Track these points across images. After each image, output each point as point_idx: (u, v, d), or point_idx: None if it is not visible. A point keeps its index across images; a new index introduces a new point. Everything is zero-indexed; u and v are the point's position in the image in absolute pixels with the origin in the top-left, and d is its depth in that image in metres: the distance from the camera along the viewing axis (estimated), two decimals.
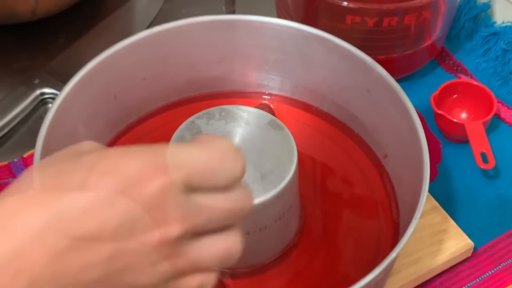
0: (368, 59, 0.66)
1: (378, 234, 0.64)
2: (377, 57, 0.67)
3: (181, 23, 0.68)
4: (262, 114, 0.61)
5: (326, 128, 0.72)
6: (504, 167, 0.77)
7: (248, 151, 0.58)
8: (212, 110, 0.61)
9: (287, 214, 0.60)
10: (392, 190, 0.67)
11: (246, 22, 0.69)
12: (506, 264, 0.69)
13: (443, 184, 0.75)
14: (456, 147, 0.79)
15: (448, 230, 0.68)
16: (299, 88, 0.73)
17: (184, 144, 0.38)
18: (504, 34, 0.87)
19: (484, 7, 0.90)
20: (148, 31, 0.67)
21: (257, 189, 0.56)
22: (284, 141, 0.59)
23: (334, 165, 0.70)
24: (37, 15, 0.85)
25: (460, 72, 0.87)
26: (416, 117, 0.61)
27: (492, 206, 0.74)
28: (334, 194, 0.68)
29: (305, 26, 0.68)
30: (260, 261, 0.61)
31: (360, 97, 0.68)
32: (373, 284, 0.53)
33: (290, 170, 0.57)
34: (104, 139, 0.69)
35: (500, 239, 0.71)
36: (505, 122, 0.81)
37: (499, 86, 0.85)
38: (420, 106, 0.80)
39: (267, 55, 0.71)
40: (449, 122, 0.77)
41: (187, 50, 0.70)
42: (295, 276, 0.62)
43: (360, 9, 0.75)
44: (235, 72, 0.73)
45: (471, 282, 0.68)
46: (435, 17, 0.79)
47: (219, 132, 0.59)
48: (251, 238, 0.58)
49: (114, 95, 0.68)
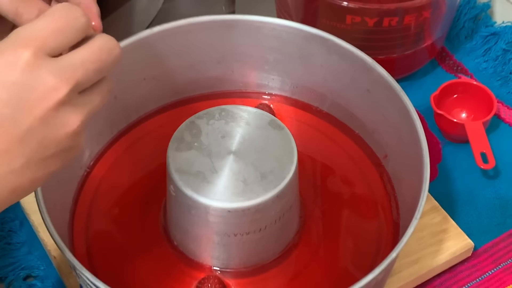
0: (368, 59, 0.66)
1: (378, 234, 0.64)
2: (377, 57, 0.67)
3: (181, 23, 0.68)
4: (262, 114, 0.61)
5: (326, 128, 0.72)
6: (504, 167, 0.77)
7: (248, 151, 0.58)
8: (212, 110, 0.61)
9: (287, 214, 0.60)
10: (392, 190, 0.67)
11: (246, 22, 0.69)
12: (506, 264, 0.69)
13: (443, 184, 0.75)
14: (456, 147, 0.79)
15: (448, 230, 0.68)
16: (299, 88, 0.73)
17: (29, 22, 0.42)
18: (504, 34, 0.87)
19: (484, 7, 0.90)
20: (148, 31, 0.67)
21: (257, 189, 0.56)
22: (284, 141, 0.59)
23: (334, 165, 0.70)
24: None
25: (460, 72, 0.87)
26: (416, 117, 0.61)
27: (492, 206, 0.74)
28: (334, 194, 0.68)
29: (305, 26, 0.68)
30: (260, 261, 0.61)
31: (360, 97, 0.68)
32: (373, 284, 0.53)
33: (290, 170, 0.57)
34: (104, 139, 0.69)
35: (500, 239, 0.71)
36: (505, 122, 0.81)
37: (499, 86, 0.85)
38: (420, 106, 0.80)
39: (267, 55, 0.71)
40: (449, 122, 0.77)
41: (187, 50, 0.70)
42: (295, 276, 0.62)
43: (360, 9, 0.75)
44: (235, 72, 0.73)
45: (471, 282, 0.68)
46: (435, 17, 0.79)
47: (219, 132, 0.59)
48: (251, 238, 0.58)
49: (114, 95, 0.68)
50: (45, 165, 0.42)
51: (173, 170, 0.57)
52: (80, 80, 0.41)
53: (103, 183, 0.66)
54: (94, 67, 0.42)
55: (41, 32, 0.41)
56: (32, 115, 0.40)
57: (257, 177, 0.57)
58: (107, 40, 0.43)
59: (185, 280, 0.61)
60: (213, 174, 0.57)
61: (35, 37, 0.40)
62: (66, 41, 0.42)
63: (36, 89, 0.40)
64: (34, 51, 0.40)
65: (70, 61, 0.41)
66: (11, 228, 0.70)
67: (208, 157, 0.58)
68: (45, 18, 0.41)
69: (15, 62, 0.40)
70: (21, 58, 0.40)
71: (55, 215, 0.56)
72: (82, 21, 0.42)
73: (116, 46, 0.44)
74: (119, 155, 0.69)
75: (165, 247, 0.63)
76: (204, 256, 0.61)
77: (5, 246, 0.69)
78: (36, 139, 0.41)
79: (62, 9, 0.42)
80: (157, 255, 0.62)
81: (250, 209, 0.56)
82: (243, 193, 0.56)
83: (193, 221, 0.58)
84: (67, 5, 0.42)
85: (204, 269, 0.61)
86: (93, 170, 0.67)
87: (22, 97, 0.40)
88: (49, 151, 0.41)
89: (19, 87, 0.40)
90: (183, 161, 0.57)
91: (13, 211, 0.71)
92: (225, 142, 0.59)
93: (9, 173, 0.40)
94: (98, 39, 0.43)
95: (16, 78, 0.40)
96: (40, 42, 0.40)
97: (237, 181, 0.56)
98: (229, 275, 0.61)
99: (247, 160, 0.58)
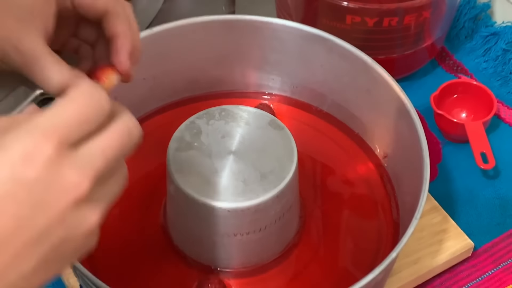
0: (368, 59, 0.66)
1: (378, 234, 0.64)
2: (377, 57, 0.67)
3: (181, 23, 0.68)
4: (262, 114, 0.61)
5: (326, 128, 0.72)
6: (504, 167, 0.77)
7: (248, 151, 0.58)
8: (212, 110, 0.61)
9: (287, 214, 0.60)
10: (392, 190, 0.67)
11: (246, 22, 0.69)
12: (506, 264, 0.69)
13: (443, 184, 0.75)
14: (456, 147, 0.79)
15: (448, 230, 0.68)
16: (299, 88, 0.73)
17: (51, 107, 0.38)
18: (504, 34, 0.87)
19: (484, 7, 0.90)
20: (148, 31, 0.67)
21: (257, 189, 0.56)
22: (284, 141, 0.59)
23: (334, 165, 0.70)
24: None
25: (460, 72, 0.87)
26: (416, 117, 0.61)
27: (492, 206, 0.74)
28: (334, 194, 0.68)
29: (305, 26, 0.68)
30: (260, 261, 0.61)
31: (360, 97, 0.68)
32: (373, 284, 0.53)
33: (290, 170, 0.57)
34: None
35: (500, 239, 0.71)
36: (505, 122, 0.81)
37: (499, 86, 0.85)
38: (420, 106, 0.80)
39: (267, 55, 0.71)
40: (449, 122, 0.77)
41: (187, 50, 0.70)
42: (295, 276, 0.62)
43: (360, 9, 0.75)
44: (235, 72, 0.73)
45: (471, 282, 0.68)
46: (435, 17, 0.79)
47: (219, 132, 0.59)
48: (251, 238, 0.58)
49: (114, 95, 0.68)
50: (57, 265, 0.38)
51: (173, 170, 0.57)
52: (101, 172, 0.38)
53: None
54: (115, 154, 0.39)
55: (64, 123, 0.37)
56: (49, 215, 0.36)
57: (257, 177, 0.57)
58: (127, 121, 0.40)
59: (185, 280, 0.61)
60: (213, 174, 0.57)
61: (58, 128, 0.37)
62: (88, 131, 0.38)
63: (57, 187, 0.36)
64: (57, 145, 0.36)
65: (91, 152, 0.38)
66: None
67: (208, 157, 0.58)
68: (68, 105, 0.38)
69: (36, 157, 0.36)
70: (42, 153, 0.36)
71: None
72: (106, 109, 0.39)
73: (135, 126, 0.40)
74: None
75: (165, 247, 0.62)
76: (204, 256, 0.61)
77: None
78: (51, 241, 0.37)
79: (87, 95, 0.38)
80: (157, 255, 0.62)
81: (250, 209, 0.56)
82: (243, 193, 0.56)
83: (193, 221, 0.58)
84: (92, 88, 0.39)
85: (204, 269, 0.61)
86: None
87: (41, 197, 0.36)
88: (63, 253, 0.38)
89: (39, 186, 0.36)
90: (183, 161, 0.57)
91: None
92: (225, 142, 0.59)
93: (20, 278, 0.37)
94: (118, 122, 0.40)
95: (37, 175, 0.36)
96: (63, 134, 0.37)
97: (237, 181, 0.56)
98: (229, 275, 0.61)
99: (247, 160, 0.58)
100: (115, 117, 0.40)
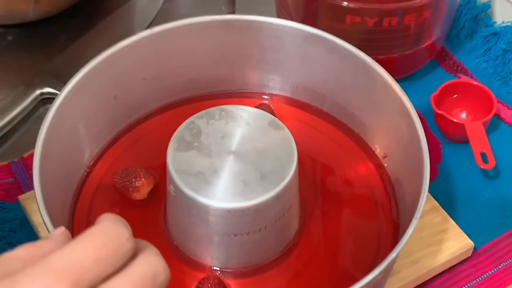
0: (368, 59, 0.66)
1: (378, 234, 0.64)
2: (377, 57, 0.67)
3: (181, 23, 0.68)
4: (262, 114, 0.61)
5: (326, 128, 0.72)
6: (504, 167, 0.77)
7: (248, 151, 0.58)
8: (212, 110, 0.61)
9: (287, 214, 0.60)
10: (392, 190, 0.67)
11: (246, 22, 0.69)
12: (506, 264, 0.69)
13: (443, 184, 0.75)
14: (456, 147, 0.79)
15: (448, 230, 0.68)
16: (299, 88, 0.73)
17: (67, 245, 0.36)
18: (504, 34, 0.87)
19: (484, 7, 0.90)
20: (148, 31, 0.67)
21: (257, 189, 0.56)
22: (284, 141, 0.59)
23: (334, 165, 0.70)
24: (37, 15, 0.86)
25: (460, 72, 0.87)
26: (416, 117, 0.61)
27: (492, 206, 0.74)
28: (334, 194, 0.68)
29: (305, 26, 0.68)
30: (260, 261, 0.61)
31: (360, 97, 0.68)
32: (373, 284, 0.53)
33: (290, 170, 0.57)
34: (104, 139, 0.69)
35: (500, 239, 0.71)
36: (505, 122, 0.81)
37: (499, 86, 0.85)
38: (420, 106, 0.80)
39: (267, 55, 0.71)
40: (449, 122, 0.77)
41: (187, 50, 0.70)
42: (295, 276, 0.62)
43: (360, 9, 0.75)
44: (235, 72, 0.73)
45: (471, 282, 0.68)
46: (435, 17, 0.79)
47: (219, 132, 0.59)
48: (251, 238, 0.58)
49: (114, 95, 0.68)
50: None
51: (173, 170, 0.57)
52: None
53: (103, 183, 0.66)
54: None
55: (80, 263, 0.35)
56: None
57: (257, 177, 0.57)
58: (153, 263, 0.37)
59: (185, 280, 0.61)
60: (213, 174, 0.57)
61: (73, 269, 0.35)
62: (107, 271, 0.36)
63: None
64: (70, 286, 0.34)
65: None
66: (11, 228, 0.70)
67: (208, 157, 0.58)
68: (85, 242, 0.36)
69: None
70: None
71: (55, 215, 0.56)
72: (127, 247, 0.37)
73: (163, 270, 0.38)
74: (119, 155, 0.69)
75: (165, 247, 0.62)
76: (204, 256, 0.61)
77: (5, 246, 0.69)
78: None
79: (108, 231, 0.37)
80: None
81: (250, 209, 0.56)
82: (243, 193, 0.56)
83: (193, 221, 0.58)
84: (113, 223, 0.37)
85: (204, 269, 0.61)
86: (93, 170, 0.67)
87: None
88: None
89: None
90: (183, 161, 0.57)
91: (13, 211, 0.71)
92: (225, 142, 0.59)
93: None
94: (142, 263, 0.37)
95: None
96: (78, 275, 0.34)
97: (237, 181, 0.56)
98: (229, 275, 0.61)
99: (247, 160, 0.58)
100: (139, 256, 0.37)
